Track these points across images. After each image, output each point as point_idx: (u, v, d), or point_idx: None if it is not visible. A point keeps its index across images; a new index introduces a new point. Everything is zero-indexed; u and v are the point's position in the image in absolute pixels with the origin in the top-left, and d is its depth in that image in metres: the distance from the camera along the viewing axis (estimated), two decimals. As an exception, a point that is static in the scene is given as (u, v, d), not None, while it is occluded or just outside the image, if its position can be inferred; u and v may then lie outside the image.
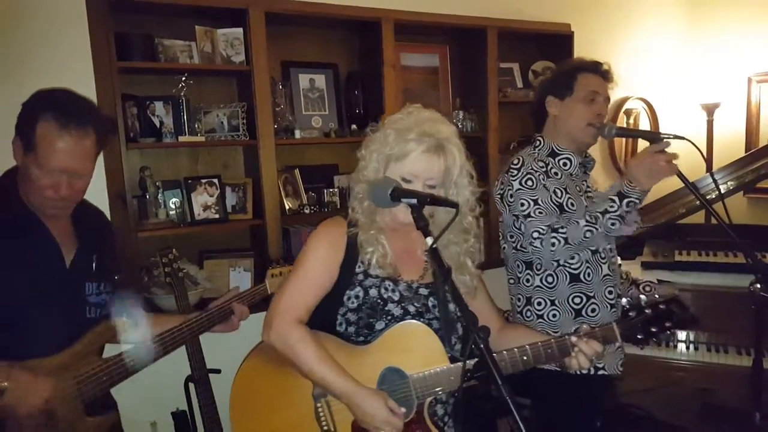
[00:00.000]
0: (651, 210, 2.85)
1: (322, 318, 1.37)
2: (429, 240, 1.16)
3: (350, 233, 1.35)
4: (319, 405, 1.33)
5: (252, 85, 2.39)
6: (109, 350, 1.51)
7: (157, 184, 2.40)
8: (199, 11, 2.37)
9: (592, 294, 1.79)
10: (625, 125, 3.60)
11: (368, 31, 2.70)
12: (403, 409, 1.28)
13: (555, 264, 1.77)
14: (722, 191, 2.53)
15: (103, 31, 2.15)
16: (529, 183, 1.76)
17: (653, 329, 1.31)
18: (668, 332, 1.32)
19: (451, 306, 1.38)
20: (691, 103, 3.75)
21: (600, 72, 1.89)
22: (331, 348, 1.30)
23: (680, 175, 1.61)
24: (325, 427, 1.32)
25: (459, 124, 3.00)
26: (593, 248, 1.77)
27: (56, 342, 1.38)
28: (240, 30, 2.40)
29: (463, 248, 1.41)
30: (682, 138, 1.62)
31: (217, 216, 2.44)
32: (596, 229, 1.64)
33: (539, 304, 1.83)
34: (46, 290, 1.39)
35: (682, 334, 2.39)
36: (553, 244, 1.66)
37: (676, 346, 2.37)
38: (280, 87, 2.57)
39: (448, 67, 3.07)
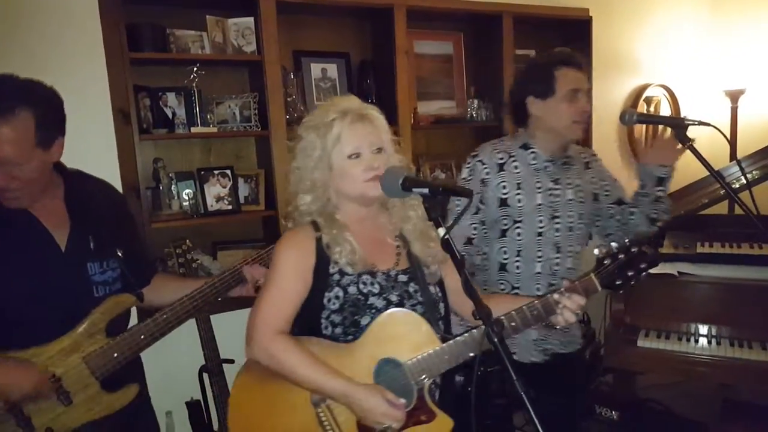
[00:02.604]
0: (673, 200, 2.77)
1: (307, 325, 1.35)
2: (441, 231, 1.13)
3: (317, 236, 1.34)
4: (320, 411, 1.30)
5: (263, 75, 2.37)
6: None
7: (171, 175, 2.40)
8: (210, 1, 2.35)
9: (518, 285, 1.85)
10: (643, 112, 3.51)
11: (380, 19, 2.66)
12: (402, 400, 1.26)
13: (486, 248, 1.87)
14: (749, 180, 2.45)
15: (115, 22, 2.14)
16: (466, 173, 1.88)
17: (629, 273, 1.32)
18: (643, 273, 1.33)
19: (431, 288, 1.38)
20: (715, 89, 3.64)
21: (575, 64, 1.85)
22: (319, 351, 1.29)
23: (705, 164, 1.55)
24: None
25: (474, 113, 2.95)
26: (518, 249, 1.82)
27: (68, 326, 1.40)
28: (251, 19, 2.38)
29: (420, 214, 1.38)
30: (707, 124, 1.56)
31: (230, 207, 2.44)
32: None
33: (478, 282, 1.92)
34: (46, 278, 1.38)
35: (703, 329, 2.32)
36: None
37: (697, 341, 2.30)
38: (292, 77, 2.54)
39: (463, 55, 3.01)
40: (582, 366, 2.06)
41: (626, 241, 1.35)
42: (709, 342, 2.30)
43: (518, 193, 1.81)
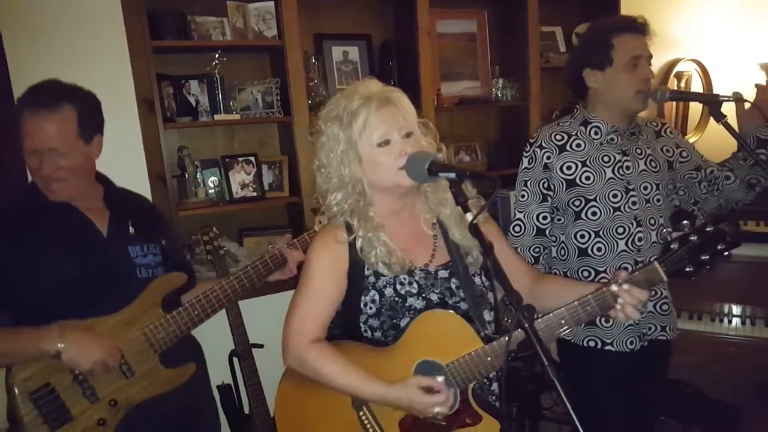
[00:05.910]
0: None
1: (347, 328, 1.34)
2: (469, 216, 1.11)
3: (350, 239, 1.29)
4: (361, 413, 1.29)
5: (285, 60, 2.35)
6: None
7: (196, 163, 2.41)
8: (230, -15, 2.33)
9: (602, 269, 1.75)
10: (675, 89, 3.41)
11: (402, -1, 2.61)
12: (440, 378, 1.23)
13: (563, 236, 1.80)
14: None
15: (137, 11, 2.14)
16: (526, 161, 1.80)
17: (704, 257, 1.10)
18: (723, 255, 1.11)
19: (477, 279, 1.33)
20: (749, 63, 3.51)
21: (636, 29, 1.71)
22: (357, 355, 1.28)
23: (740, 139, 1.51)
24: None
25: (498, 92, 2.90)
26: (596, 229, 1.73)
27: (114, 305, 1.47)
28: (271, 3, 2.36)
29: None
30: (744, 100, 1.51)
31: (254, 194, 2.45)
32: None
33: (556, 274, 1.85)
34: (91, 262, 1.48)
35: (737, 309, 2.27)
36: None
37: (730, 321, 2.26)
38: (313, 61, 2.52)
39: (487, 33, 2.94)
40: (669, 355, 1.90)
41: (701, 219, 1.21)
42: (743, 322, 2.25)
43: (585, 171, 1.72)
